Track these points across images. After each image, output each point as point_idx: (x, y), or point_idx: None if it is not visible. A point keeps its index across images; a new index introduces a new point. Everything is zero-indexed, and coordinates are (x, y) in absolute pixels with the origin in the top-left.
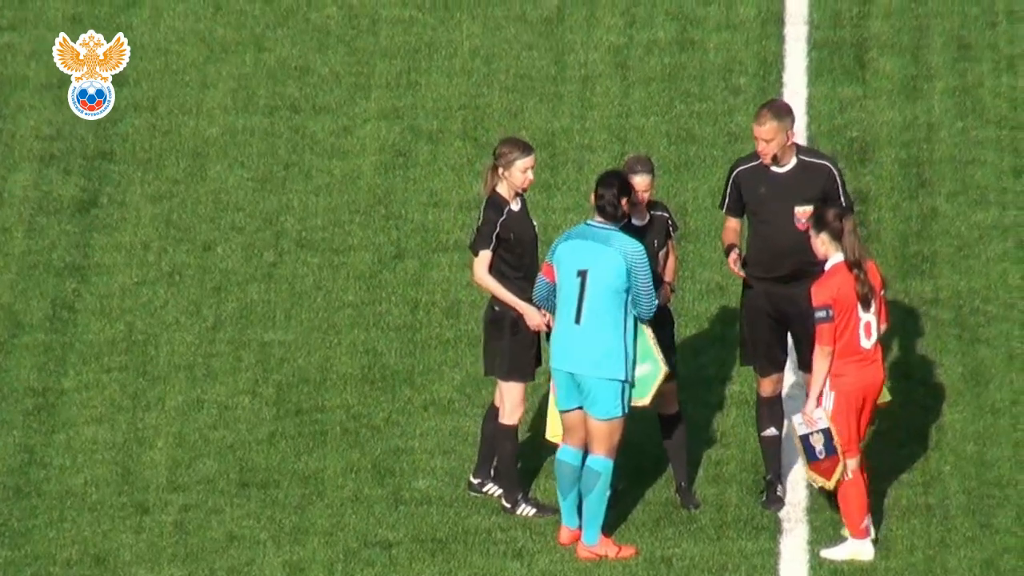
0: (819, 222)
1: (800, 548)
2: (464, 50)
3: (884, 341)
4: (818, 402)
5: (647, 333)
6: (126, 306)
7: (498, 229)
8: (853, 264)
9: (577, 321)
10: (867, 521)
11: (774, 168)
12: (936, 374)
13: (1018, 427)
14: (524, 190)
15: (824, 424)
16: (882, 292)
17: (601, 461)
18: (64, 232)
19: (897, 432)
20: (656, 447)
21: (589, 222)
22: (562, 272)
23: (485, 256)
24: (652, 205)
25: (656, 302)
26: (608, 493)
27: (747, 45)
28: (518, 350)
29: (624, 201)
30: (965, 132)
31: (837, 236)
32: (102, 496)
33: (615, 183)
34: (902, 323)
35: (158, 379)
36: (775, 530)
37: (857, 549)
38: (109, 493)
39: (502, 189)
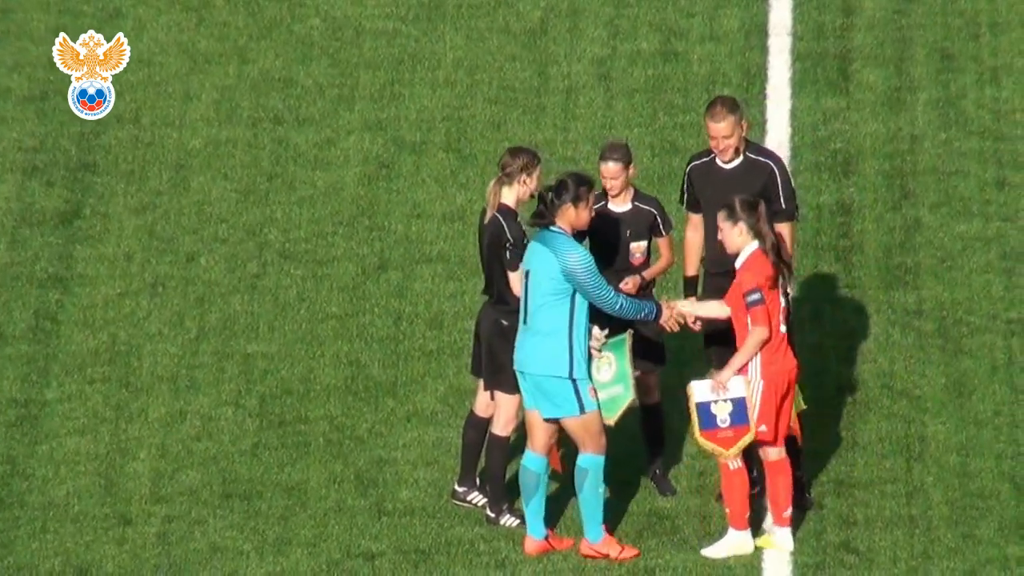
0: (731, 214)
1: (783, 560)
2: (447, 62)
3: (866, 353)
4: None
5: (627, 356)
6: (109, 317)
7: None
8: (771, 251)
9: (525, 321)
10: (749, 512)
11: (721, 164)
12: (919, 385)
13: (1001, 438)
14: (534, 196)
15: (739, 393)
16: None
17: (587, 458)
18: (47, 243)
19: (880, 443)
20: (638, 459)
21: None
22: (523, 273)
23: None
24: (640, 197)
25: (618, 303)
26: (602, 490)
27: (731, 56)
28: None
29: (568, 208)
30: (948, 143)
31: (753, 226)
32: (85, 507)
33: (565, 185)
34: (885, 334)
35: (141, 390)
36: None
37: (739, 542)
38: (92, 504)
39: (508, 200)
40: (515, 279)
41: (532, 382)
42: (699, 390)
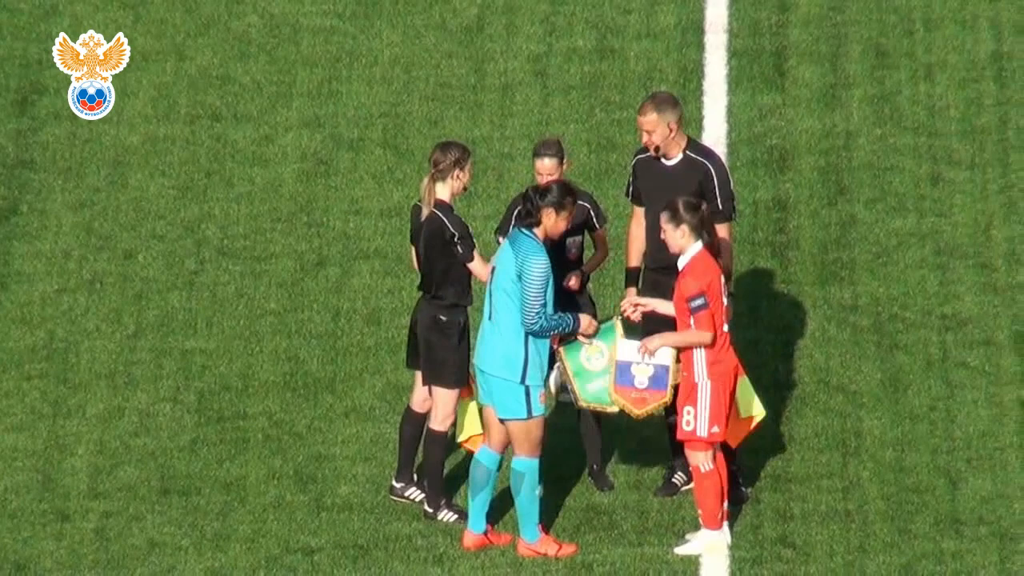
0: (674, 215)
1: (721, 555)
2: (384, 59)
3: (802, 349)
4: (684, 360)
5: (618, 341)
6: (47, 314)
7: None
8: (714, 251)
9: (490, 317)
10: (723, 509)
11: (663, 160)
12: (855, 380)
13: (936, 433)
14: (467, 188)
15: (666, 362)
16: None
17: (522, 462)
18: None
19: (816, 438)
20: (575, 455)
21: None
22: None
23: (479, 257)
24: None
25: (537, 324)
26: (538, 491)
27: (667, 53)
28: (464, 358)
29: (550, 212)
30: (883, 139)
31: (696, 227)
32: (22, 503)
33: (550, 190)
34: (821, 330)
35: (79, 386)
36: (695, 536)
37: (713, 541)
38: (29, 500)
39: (443, 195)
40: (475, 268)
41: (486, 380)
42: (623, 348)
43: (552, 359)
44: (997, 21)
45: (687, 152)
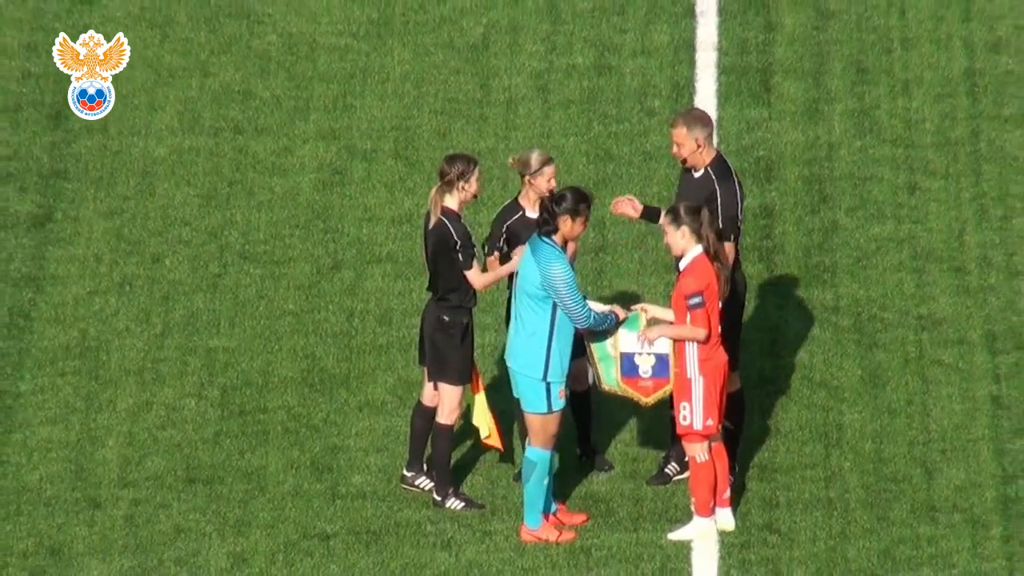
0: (676, 218)
1: (711, 540)
2: (396, 75)
3: (787, 347)
4: (678, 357)
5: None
6: (79, 314)
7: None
8: (713, 256)
9: (516, 318)
10: (714, 499)
11: (692, 171)
12: (836, 377)
13: (913, 426)
14: (476, 197)
15: (664, 351)
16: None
17: (536, 452)
18: (21, 245)
19: (800, 431)
20: (573, 443)
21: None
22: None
23: (477, 266)
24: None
25: (590, 318)
26: (546, 481)
27: (661, 70)
28: (468, 356)
29: (566, 219)
30: (863, 151)
31: (696, 230)
32: (56, 492)
33: (564, 197)
34: (805, 329)
35: (109, 383)
36: (688, 523)
37: (704, 528)
38: (63, 489)
39: (452, 204)
40: (471, 276)
41: (512, 376)
42: (625, 340)
43: (579, 349)
44: (970, 40)
45: (708, 168)
